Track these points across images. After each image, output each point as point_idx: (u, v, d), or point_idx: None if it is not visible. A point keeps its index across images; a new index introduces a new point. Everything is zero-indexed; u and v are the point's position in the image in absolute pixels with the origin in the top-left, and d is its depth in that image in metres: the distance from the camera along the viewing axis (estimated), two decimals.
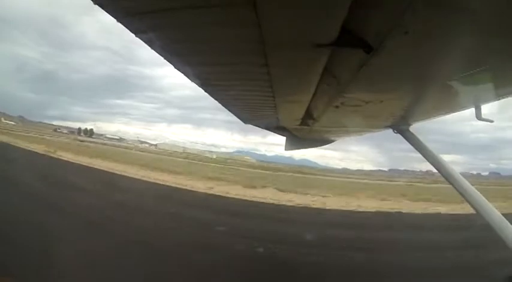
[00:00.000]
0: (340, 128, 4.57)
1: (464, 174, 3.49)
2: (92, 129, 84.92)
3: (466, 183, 3.29)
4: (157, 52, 1.93)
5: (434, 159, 3.54)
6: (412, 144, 3.67)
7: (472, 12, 1.33)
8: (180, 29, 1.63)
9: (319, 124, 3.91)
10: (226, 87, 2.72)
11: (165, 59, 2.04)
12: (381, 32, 1.51)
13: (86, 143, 51.29)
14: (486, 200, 3.17)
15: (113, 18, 1.48)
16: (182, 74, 2.30)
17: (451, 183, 3.39)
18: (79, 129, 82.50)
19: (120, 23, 1.54)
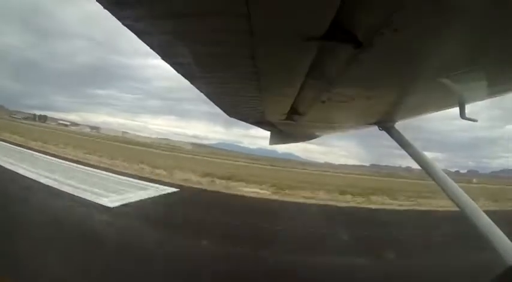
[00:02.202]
0: (326, 123, 4.58)
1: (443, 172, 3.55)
2: (45, 115, 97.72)
3: (449, 180, 3.34)
4: (143, 41, 1.86)
5: (418, 157, 3.58)
6: (397, 141, 3.70)
7: (461, 11, 1.33)
8: (166, 18, 1.57)
9: (305, 119, 3.89)
10: (211, 79, 2.66)
11: (150, 48, 1.98)
12: (371, 28, 1.49)
13: (28, 126, 56.07)
14: (469, 197, 3.22)
15: (95, 7, 1.41)
16: (165, 65, 2.24)
17: (434, 180, 3.45)
18: (34, 115, 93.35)
19: (107, 9, 1.48)
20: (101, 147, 36.98)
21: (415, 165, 3.68)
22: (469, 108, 2.51)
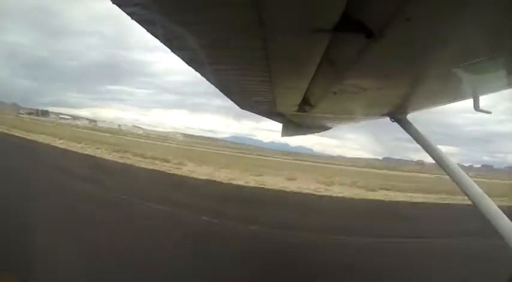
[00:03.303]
0: (338, 114, 4.56)
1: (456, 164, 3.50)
2: (47, 111, 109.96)
3: (462, 173, 3.30)
4: (153, 35, 1.89)
5: (431, 149, 3.54)
6: (409, 133, 3.67)
7: (473, 2, 1.31)
8: (176, 11, 1.59)
9: (316, 110, 3.89)
10: (223, 71, 2.68)
11: (161, 42, 2.01)
12: (382, 18, 1.48)
13: (27, 120, 61.88)
14: (482, 191, 3.18)
15: (103, 4, 1.44)
16: (176, 59, 2.28)
17: (447, 173, 3.41)
18: (37, 110, 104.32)
19: (116, 4, 1.50)
20: (80, 135, 41.23)
21: (427, 159, 3.65)
22: (483, 100, 2.48)
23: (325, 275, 8.10)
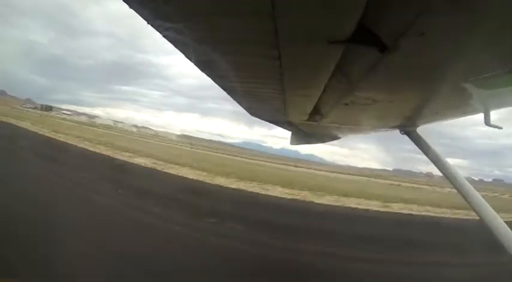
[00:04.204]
0: (348, 125, 4.56)
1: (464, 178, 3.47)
2: (50, 106, 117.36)
3: (471, 188, 3.28)
4: (168, 40, 1.93)
5: (440, 163, 3.53)
6: (418, 146, 3.66)
7: (488, 14, 1.33)
8: (191, 18, 1.62)
9: (327, 120, 3.90)
10: (235, 78, 2.72)
11: (175, 47, 2.04)
12: (396, 32, 1.50)
13: (31, 113, 67.82)
14: (490, 206, 3.16)
15: (119, 6, 1.49)
16: (189, 63, 2.31)
17: (455, 187, 3.39)
18: (41, 105, 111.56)
19: (132, 9, 1.55)
20: (59, 124, 45.63)
21: (436, 171, 3.63)
22: (494, 114, 2.48)
23: None
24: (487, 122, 2.45)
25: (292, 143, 6.57)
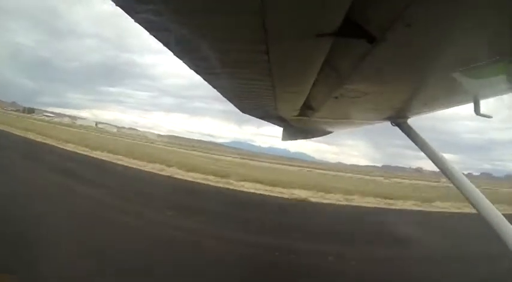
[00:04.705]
0: (339, 119, 4.57)
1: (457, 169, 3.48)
2: (32, 108, 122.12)
3: (464, 178, 3.29)
4: (155, 38, 1.90)
5: (432, 154, 3.54)
6: (410, 138, 3.67)
7: (475, 6, 1.32)
8: (179, 15, 1.59)
9: (318, 115, 3.90)
10: (224, 75, 2.69)
11: (163, 45, 2.01)
12: (384, 23, 1.50)
13: (10, 116, 67.56)
14: (485, 197, 3.16)
15: (105, 6, 1.45)
16: (177, 62, 2.28)
17: (447, 178, 3.40)
18: (24, 108, 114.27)
19: (119, 6, 1.51)
20: (52, 131, 44.63)
21: (426, 166, 3.64)
22: (485, 107, 2.48)
23: None
24: (477, 111, 2.46)
25: (284, 139, 6.57)
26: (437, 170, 3.52)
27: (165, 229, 11.01)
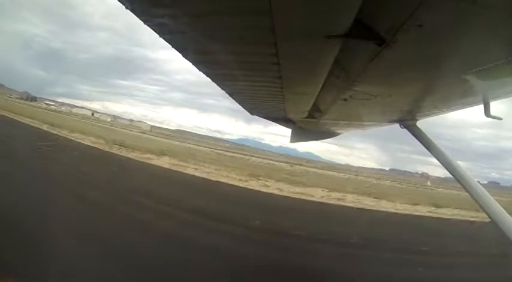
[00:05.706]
0: (348, 121, 4.55)
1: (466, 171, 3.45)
2: (35, 97, 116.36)
3: (472, 180, 3.26)
4: (165, 40, 1.93)
5: (441, 155, 3.51)
6: (419, 140, 3.65)
7: (487, 4, 1.32)
8: (188, 17, 1.62)
9: (326, 117, 3.89)
10: (233, 77, 2.71)
11: (173, 47, 2.04)
12: (394, 25, 1.49)
13: (11, 102, 65.07)
14: (495, 201, 3.12)
15: (116, 1, 1.48)
16: (188, 61, 2.30)
17: (455, 179, 3.37)
18: (27, 96, 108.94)
19: (129, 9, 1.55)
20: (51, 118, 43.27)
21: (432, 172, 3.61)
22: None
23: None
24: (487, 113, 2.44)
25: (292, 140, 6.55)
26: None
27: None
